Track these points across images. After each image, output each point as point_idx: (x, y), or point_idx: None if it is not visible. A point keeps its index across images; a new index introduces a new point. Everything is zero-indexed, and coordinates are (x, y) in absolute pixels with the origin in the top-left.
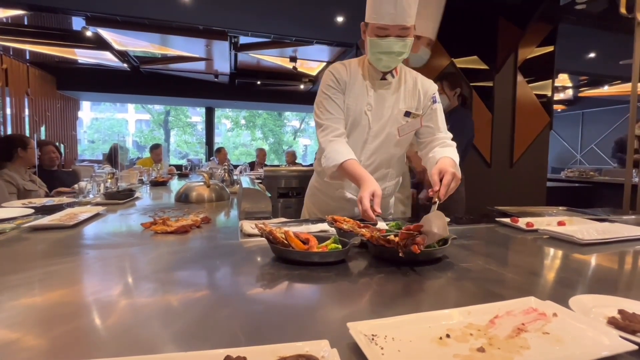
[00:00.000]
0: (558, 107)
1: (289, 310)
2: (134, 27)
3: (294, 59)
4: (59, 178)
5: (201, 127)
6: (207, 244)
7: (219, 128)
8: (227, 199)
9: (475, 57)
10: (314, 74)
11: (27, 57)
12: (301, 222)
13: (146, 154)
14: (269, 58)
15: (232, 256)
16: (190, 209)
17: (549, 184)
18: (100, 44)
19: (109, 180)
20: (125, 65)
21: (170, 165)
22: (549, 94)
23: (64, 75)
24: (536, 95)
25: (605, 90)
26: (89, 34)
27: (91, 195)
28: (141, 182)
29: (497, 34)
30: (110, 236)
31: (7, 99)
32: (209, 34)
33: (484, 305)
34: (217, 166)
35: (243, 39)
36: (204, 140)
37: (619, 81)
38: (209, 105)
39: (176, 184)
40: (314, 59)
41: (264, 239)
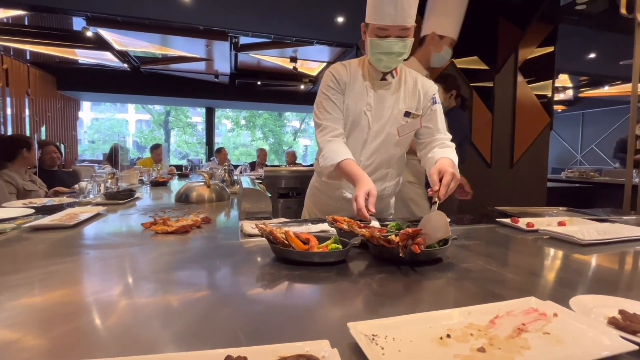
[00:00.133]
0: (558, 108)
1: (289, 310)
2: (134, 27)
3: (294, 59)
4: (59, 178)
5: (201, 128)
6: (207, 244)
7: (219, 128)
8: (228, 199)
9: (476, 58)
10: (314, 74)
11: (28, 58)
12: (301, 222)
13: (146, 154)
14: (269, 58)
15: (232, 256)
16: (191, 209)
17: (549, 184)
18: (101, 44)
19: (109, 181)
20: (126, 65)
21: (170, 165)
22: (549, 94)
23: (64, 75)
24: (536, 95)
25: (606, 90)
26: (89, 34)
27: (91, 196)
28: (141, 182)
29: (498, 34)
30: (110, 236)
31: (8, 99)
32: (210, 34)
33: (485, 306)
34: (217, 166)
35: (243, 39)
36: (204, 140)
37: (619, 81)
38: (209, 105)
39: (176, 184)
40: (314, 60)
41: (264, 239)
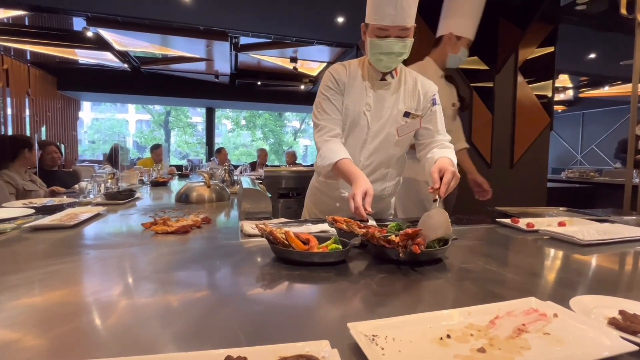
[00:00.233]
0: (558, 108)
1: (289, 310)
2: (134, 27)
3: (294, 59)
4: (59, 178)
5: (201, 128)
6: (207, 244)
7: (220, 128)
8: (228, 199)
9: (476, 58)
10: (315, 74)
11: (28, 58)
12: (301, 222)
13: (147, 154)
14: (270, 58)
15: (232, 256)
16: (191, 209)
17: (549, 184)
18: (101, 44)
19: (109, 181)
20: (126, 65)
21: (170, 165)
22: (549, 94)
23: (64, 75)
24: (536, 95)
25: (606, 90)
26: (89, 34)
27: (92, 196)
28: (142, 182)
29: (498, 34)
30: (110, 236)
31: (8, 99)
32: (210, 34)
33: (485, 306)
34: (217, 166)
35: (243, 40)
36: (204, 140)
37: (619, 82)
38: (209, 105)
39: (176, 185)
40: (315, 60)
41: (264, 239)
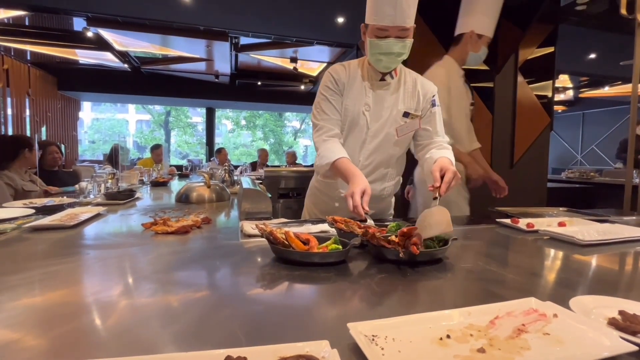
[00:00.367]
0: (559, 108)
1: (289, 310)
2: (134, 27)
3: (294, 59)
4: (60, 178)
5: (202, 128)
6: (207, 245)
7: (220, 128)
8: (228, 199)
9: None
10: (315, 74)
11: (28, 58)
12: (301, 222)
13: (147, 154)
14: (270, 59)
15: (232, 256)
16: (191, 209)
17: (549, 184)
18: (101, 44)
19: (109, 181)
20: (126, 65)
21: (170, 165)
22: (549, 94)
23: (64, 75)
24: (537, 96)
25: (606, 91)
26: (89, 34)
27: (92, 196)
28: (142, 182)
29: (498, 35)
30: (110, 236)
31: (8, 100)
32: (210, 34)
33: (485, 306)
34: (217, 167)
35: (244, 40)
36: (204, 140)
37: (619, 82)
38: (209, 105)
39: (177, 185)
40: (315, 60)
41: (264, 239)
